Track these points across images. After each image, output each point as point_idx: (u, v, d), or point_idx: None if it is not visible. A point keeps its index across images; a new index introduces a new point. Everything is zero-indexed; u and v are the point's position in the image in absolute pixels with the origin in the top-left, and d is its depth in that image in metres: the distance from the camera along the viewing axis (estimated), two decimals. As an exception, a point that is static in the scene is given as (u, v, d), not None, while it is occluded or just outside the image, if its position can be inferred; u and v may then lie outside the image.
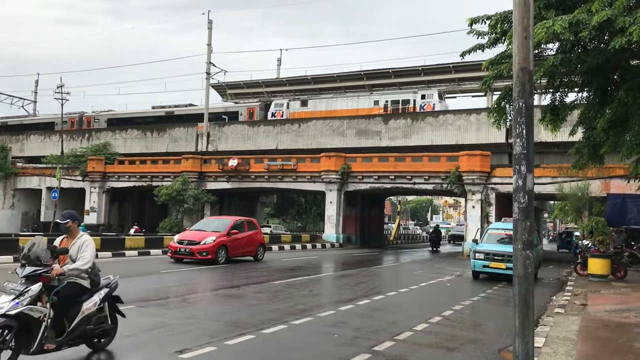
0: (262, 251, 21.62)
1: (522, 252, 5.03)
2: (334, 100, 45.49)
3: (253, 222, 22.46)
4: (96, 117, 53.17)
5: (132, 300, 10.36)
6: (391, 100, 42.63)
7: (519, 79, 5.09)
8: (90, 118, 53.32)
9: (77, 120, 53.86)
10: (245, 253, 20.58)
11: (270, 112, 46.18)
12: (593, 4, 9.92)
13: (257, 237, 21.48)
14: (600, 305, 12.02)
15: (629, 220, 22.36)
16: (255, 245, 21.11)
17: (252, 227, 21.48)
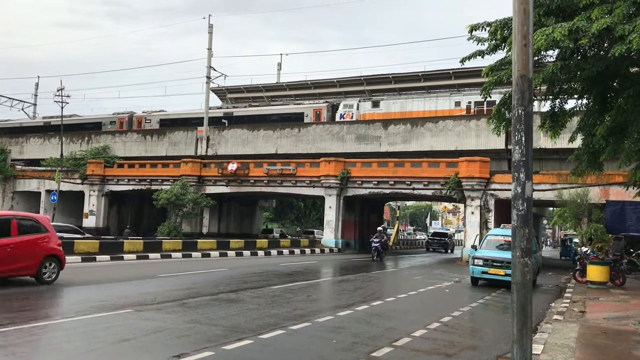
0: (55, 268, 13.52)
1: (521, 260, 5.03)
2: (409, 101, 42.95)
3: (34, 219, 14.05)
4: (148, 118, 52.37)
5: (129, 304, 10.37)
6: (475, 102, 40.05)
7: (518, 86, 5.11)
8: (141, 118, 52.22)
9: (127, 120, 52.91)
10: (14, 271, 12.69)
11: (339, 113, 43.75)
12: (593, 11, 9.95)
13: (40, 246, 13.27)
14: (598, 313, 12.01)
15: (628, 228, 22.36)
16: (36, 259, 13.04)
17: (30, 229, 13.27)
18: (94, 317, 9.05)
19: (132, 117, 52.68)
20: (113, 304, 10.42)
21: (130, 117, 52.82)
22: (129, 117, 52.83)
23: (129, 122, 52.77)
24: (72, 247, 21.11)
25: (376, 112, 42.38)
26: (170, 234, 35.98)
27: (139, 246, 24.21)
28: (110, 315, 9.26)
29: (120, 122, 52.68)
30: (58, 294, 12.02)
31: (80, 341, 7.39)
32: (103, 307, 9.95)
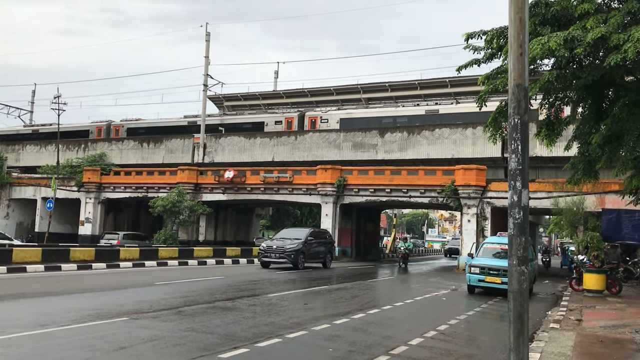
0: None
1: (517, 268, 5.03)
2: None
3: None
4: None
5: (125, 312, 10.33)
6: None
7: (514, 95, 5.13)
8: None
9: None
10: None
11: None
12: (588, 21, 10.02)
13: None
14: (595, 321, 12.02)
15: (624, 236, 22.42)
16: None
17: None
18: (90, 325, 9.01)
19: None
20: (109, 312, 10.38)
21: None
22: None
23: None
24: (68, 255, 21.08)
25: None
26: (166, 242, 35.91)
27: (135, 254, 24.16)
28: (106, 323, 9.22)
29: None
30: (56, 300, 11.95)
31: (75, 349, 7.36)
32: (99, 315, 9.90)
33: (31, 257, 19.76)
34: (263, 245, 24.64)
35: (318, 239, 25.82)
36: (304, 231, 25.70)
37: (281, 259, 23.49)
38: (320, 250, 25.80)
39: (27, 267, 18.30)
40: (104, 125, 52.65)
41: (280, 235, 25.70)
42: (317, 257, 25.51)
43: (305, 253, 24.11)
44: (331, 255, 27.14)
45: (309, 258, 24.58)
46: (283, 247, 23.54)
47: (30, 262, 19.21)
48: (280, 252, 23.55)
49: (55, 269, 19.10)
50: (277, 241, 24.60)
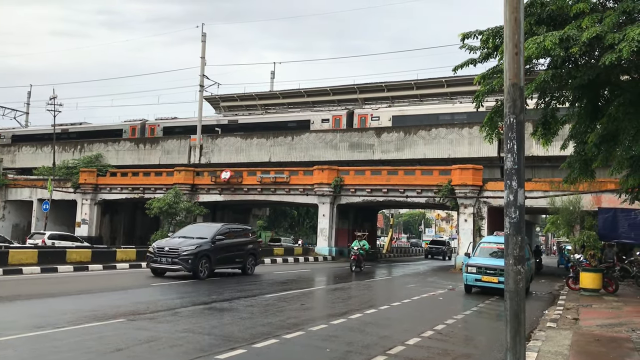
0: None
1: (514, 267, 5.04)
2: None
3: None
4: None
5: (122, 314, 10.30)
6: None
7: (510, 94, 5.14)
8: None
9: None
10: None
11: None
12: (583, 20, 10.04)
13: None
14: (592, 320, 12.04)
15: (620, 234, 22.48)
16: None
17: None
18: (86, 326, 8.98)
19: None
20: (105, 313, 10.34)
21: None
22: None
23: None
24: (65, 256, 21.01)
25: None
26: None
27: (132, 255, 24.10)
28: (102, 325, 9.19)
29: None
30: (53, 302, 11.91)
31: (72, 351, 7.33)
32: (95, 317, 9.87)
33: (27, 258, 19.69)
34: (154, 245, 19.04)
35: (235, 238, 20.23)
36: (213, 227, 20.14)
37: (174, 265, 17.66)
38: (239, 253, 20.22)
39: (23, 269, 18.23)
40: (138, 125, 51.53)
41: (182, 233, 20.19)
42: (231, 261, 19.98)
43: (212, 257, 18.32)
44: (255, 258, 21.35)
45: (221, 263, 19.18)
46: (178, 249, 17.70)
47: (26, 264, 19.13)
48: (173, 256, 17.62)
49: (52, 270, 19.03)
50: (173, 240, 19.01)
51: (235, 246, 20.08)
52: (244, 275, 20.19)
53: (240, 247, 20.34)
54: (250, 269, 20.80)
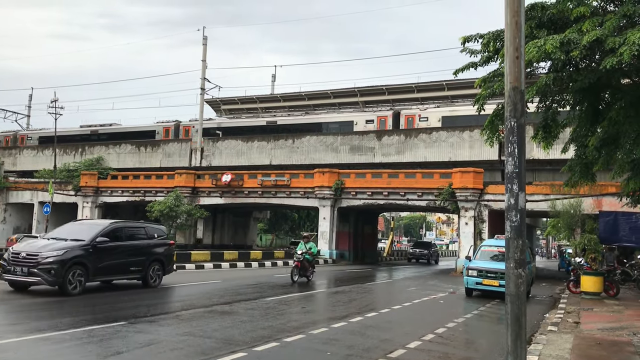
0: None
1: (515, 271, 5.04)
2: None
3: None
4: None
5: (122, 317, 10.29)
6: None
7: (511, 98, 5.14)
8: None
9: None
10: None
11: None
12: (584, 24, 10.05)
13: None
14: (593, 323, 12.02)
15: (621, 238, 22.45)
16: None
17: None
18: (87, 329, 8.97)
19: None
20: (105, 316, 10.34)
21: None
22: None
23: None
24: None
25: None
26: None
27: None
28: (103, 327, 9.19)
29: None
30: (49, 306, 11.90)
31: (72, 355, 7.33)
32: (95, 320, 9.87)
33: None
34: (9, 249, 14.59)
35: (130, 240, 15.32)
36: (96, 226, 15.04)
37: (31, 277, 12.90)
38: (136, 259, 15.31)
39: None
40: (172, 126, 50.37)
41: (53, 234, 15.39)
42: (123, 270, 15.10)
43: (90, 265, 13.69)
44: (163, 265, 16.32)
45: (105, 272, 14.51)
46: (37, 255, 13.05)
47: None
48: (30, 265, 12.95)
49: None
50: (36, 243, 14.55)
51: (130, 250, 15.14)
52: (146, 288, 15.33)
53: (138, 251, 15.39)
54: (155, 280, 15.87)
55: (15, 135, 57.38)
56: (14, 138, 57.12)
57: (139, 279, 15.65)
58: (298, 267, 19.45)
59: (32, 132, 58.11)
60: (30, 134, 57.58)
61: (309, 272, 19.93)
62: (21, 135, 57.14)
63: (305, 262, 19.66)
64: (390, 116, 42.06)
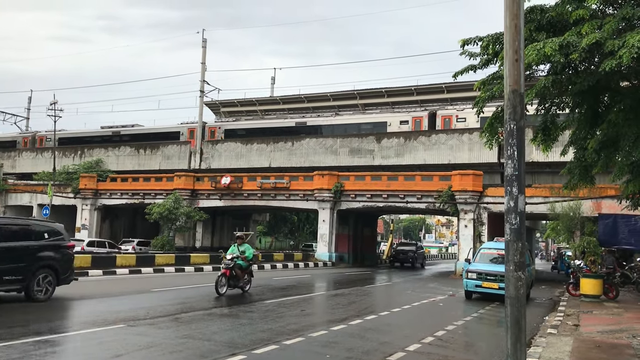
0: None
1: (514, 274, 5.03)
2: None
3: None
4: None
5: (122, 319, 10.29)
6: None
7: (510, 101, 5.14)
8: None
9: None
10: None
11: None
12: (583, 27, 10.05)
13: None
14: (592, 326, 12.01)
15: (620, 240, 22.49)
16: None
17: None
18: (86, 332, 8.96)
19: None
20: (105, 319, 10.33)
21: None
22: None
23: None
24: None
25: None
26: (163, 248, 35.82)
27: (132, 260, 24.09)
28: (102, 330, 9.18)
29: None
30: (49, 309, 11.89)
31: (71, 357, 7.32)
32: (95, 323, 9.86)
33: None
34: None
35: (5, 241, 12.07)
36: None
37: None
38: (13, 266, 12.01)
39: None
40: (197, 127, 48.75)
41: None
42: None
43: None
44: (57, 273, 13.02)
45: None
46: None
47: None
48: None
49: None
50: None
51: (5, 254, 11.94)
52: (29, 302, 12.21)
53: (16, 255, 12.22)
54: (44, 292, 12.56)
55: (34, 137, 56.45)
56: (32, 139, 56.15)
57: (19, 290, 12.32)
58: (227, 275, 15.26)
59: (51, 133, 56.99)
60: (49, 135, 56.66)
61: (243, 282, 15.87)
62: (40, 137, 56.14)
63: (237, 270, 15.51)
64: (425, 117, 40.74)
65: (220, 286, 15.03)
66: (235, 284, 15.56)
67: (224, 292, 15.03)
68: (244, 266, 15.84)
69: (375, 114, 45.16)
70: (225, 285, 15.24)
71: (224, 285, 15.19)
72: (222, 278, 15.17)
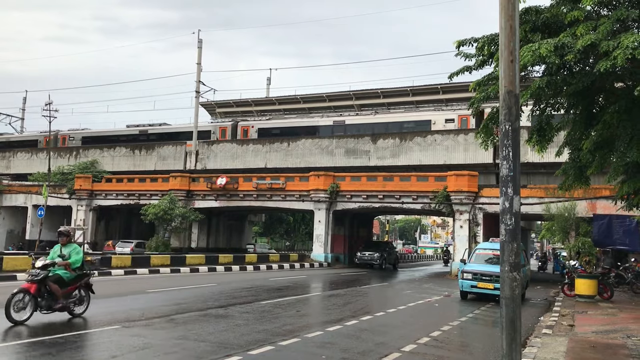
0: None
1: (509, 274, 5.05)
2: None
3: None
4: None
5: (117, 320, 10.26)
6: None
7: (505, 102, 5.16)
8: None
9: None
10: None
11: None
12: (578, 28, 10.08)
13: None
14: (587, 326, 12.05)
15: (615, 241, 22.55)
16: None
17: None
18: (80, 333, 8.94)
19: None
20: (100, 320, 10.30)
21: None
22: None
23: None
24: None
25: None
26: (158, 249, 35.76)
27: (127, 261, 24.03)
28: (97, 331, 9.15)
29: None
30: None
31: (65, 359, 7.29)
32: (90, 324, 9.83)
33: (21, 265, 19.61)
34: None
35: None
36: None
37: None
38: None
39: (17, 275, 18.13)
40: (229, 125, 47.90)
41: None
42: None
43: None
44: None
45: None
46: None
47: (20, 270, 19.03)
48: None
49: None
50: None
51: None
52: None
53: None
54: None
55: (56, 135, 55.57)
56: (54, 138, 54.88)
57: None
58: (31, 293, 9.87)
59: (74, 132, 56.25)
60: (72, 134, 55.97)
61: (68, 302, 10.44)
62: (62, 135, 55.28)
63: (50, 284, 10.10)
64: (471, 115, 39.79)
65: (17, 310, 9.63)
66: (50, 305, 10.08)
67: (24, 319, 9.68)
68: (66, 278, 10.40)
69: (418, 112, 42.86)
70: (30, 307, 9.81)
71: (25, 307, 9.80)
72: (22, 296, 9.76)
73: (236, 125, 47.16)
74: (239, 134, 46.72)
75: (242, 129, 46.64)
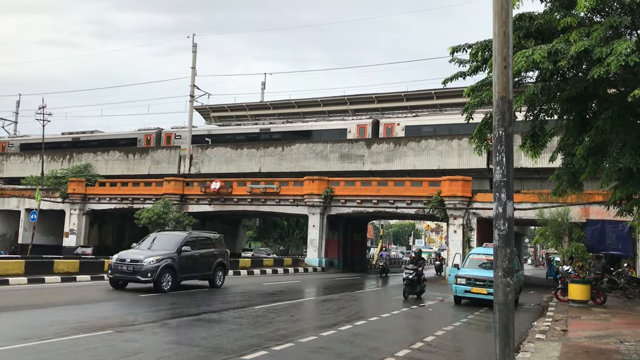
0: None
1: (503, 280, 5.06)
2: None
3: None
4: None
5: (110, 325, 10.21)
6: None
7: (499, 107, 5.18)
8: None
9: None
10: None
11: None
12: (571, 34, 10.14)
13: None
14: (580, 331, 12.08)
15: (608, 246, 22.66)
16: None
17: None
18: (74, 338, 8.89)
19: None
20: (93, 324, 10.25)
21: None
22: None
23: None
24: (52, 267, 20.82)
25: None
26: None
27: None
28: (89, 336, 9.10)
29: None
30: (39, 313, 11.78)
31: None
32: (82, 328, 9.78)
33: (14, 269, 19.49)
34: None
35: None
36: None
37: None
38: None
39: (9, 280, 18.02)
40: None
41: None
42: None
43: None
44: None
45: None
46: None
47: (12, 275, 18.93)
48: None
49: (39, 281, 18.84)
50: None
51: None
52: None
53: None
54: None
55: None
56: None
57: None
58: None
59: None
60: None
61: None
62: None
63: None
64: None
65: None
66: None
67: None
68: None
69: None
70: None
71: None
72: None
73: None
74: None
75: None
